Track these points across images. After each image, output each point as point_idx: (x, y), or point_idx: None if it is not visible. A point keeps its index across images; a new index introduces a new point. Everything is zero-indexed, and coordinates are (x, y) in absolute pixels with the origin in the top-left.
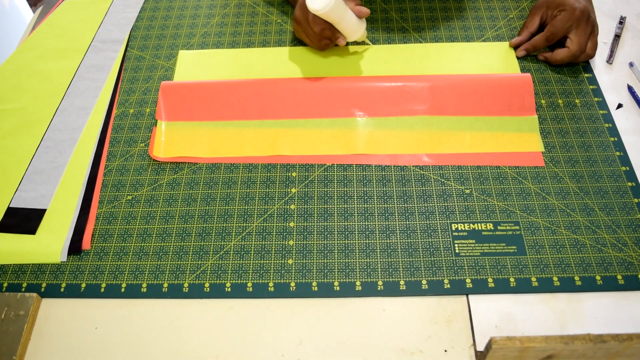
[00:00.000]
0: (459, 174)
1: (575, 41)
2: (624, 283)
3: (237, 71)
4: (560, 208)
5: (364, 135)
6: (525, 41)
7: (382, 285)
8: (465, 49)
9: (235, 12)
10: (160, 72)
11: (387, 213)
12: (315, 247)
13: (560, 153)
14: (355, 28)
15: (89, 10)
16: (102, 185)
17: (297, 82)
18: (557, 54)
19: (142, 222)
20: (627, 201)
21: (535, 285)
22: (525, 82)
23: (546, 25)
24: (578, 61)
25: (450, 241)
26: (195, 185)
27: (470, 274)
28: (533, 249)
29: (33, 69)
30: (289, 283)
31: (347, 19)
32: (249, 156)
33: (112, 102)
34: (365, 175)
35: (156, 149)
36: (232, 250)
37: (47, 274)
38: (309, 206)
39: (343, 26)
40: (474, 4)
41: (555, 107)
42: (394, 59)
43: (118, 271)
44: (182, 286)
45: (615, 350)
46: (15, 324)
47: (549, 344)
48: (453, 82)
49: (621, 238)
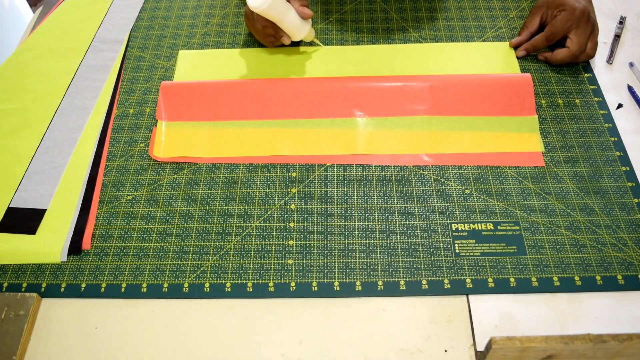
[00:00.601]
0: (459, 174)
1: (575, 41)
2: (624, 283)
3: (237, 71)
4: (560, 208)
5: (364, 135)
6: (526, 41)
7: (382, 285)
8: (465, 49)
9: (235, 12)
10: (160, 72)
11: (387, 213)
12: (315, 247)
13: (561, 153)
14: (298, 28)
15: (89, 10)
16: (102, 185)
17: (297, 82)
18: (557, 54)
19: (142, 222)
20: (627, 201)
21: (536, 285)
22: (525, 82)
23: (546, 25)
24: (578, 61)
25: (450, 241)
26: (195, 185)
27: (470, 274)
28: (533, 249)
29: (33, 69)
30: (289, 283)
31: (289, 19)
32: (249, 156)
33: (112, 102)
34: (365, 175)
35: (156, 149)
36: (232, 250)
37: (47, 274)
38: (309, 206)
39: (285, 25)
40: (474, 4)
41: (556, 107)
42: (394, 59)
43: (118, 271)
44: (182, 286)
45: (615, 350)
46: (15, 324)
47: (549, 344)
48: (453, 82)
49: (621, 238)
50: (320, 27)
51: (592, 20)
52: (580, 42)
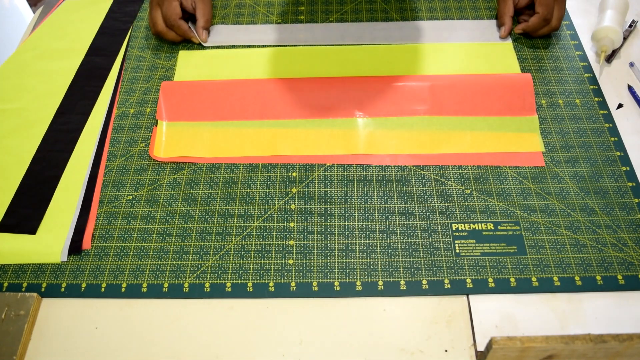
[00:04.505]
0: (459, 174)
1: (543, 2)
2: (624, 283)
3: (237, 71)
4: (560, 208)
5: (364, 136)
6: (512, 26)
7: (383, 285)
8: (466, 49)
9: (236, 12)
10: (160, 72)
11: (388, 213)
12: (315, 247)
13: (561, 153)
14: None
15: (89, 11)
16: (103, 185)
17: (297, 82)
18: (531, 22)
19: (142, 222)
20: (628, 201)
21: (536, 285)
22: (526, 82)
23: (518, 7)
24: (552, 27)
25: (450, 241)
26: (195, 185)
27: (470, 274)
28: (533, 249)
29: (33, 69)
30: (289, 283)
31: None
32: (249, 156)
33: (113, 102)
34: (366, 175)
35: (156, 149)
36: (232, 250)
37: (47, 274)
38: (310, 206)
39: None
40: (474, 4)
41: (556, 107)
42: (394, 59)
43: (118, 271)
44: (183, 286)
45: (615, 350)
46: (15, 324)
47: (550, 344)
48: (453, 82)
49: (621, 238)
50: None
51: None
52: (547, 2)
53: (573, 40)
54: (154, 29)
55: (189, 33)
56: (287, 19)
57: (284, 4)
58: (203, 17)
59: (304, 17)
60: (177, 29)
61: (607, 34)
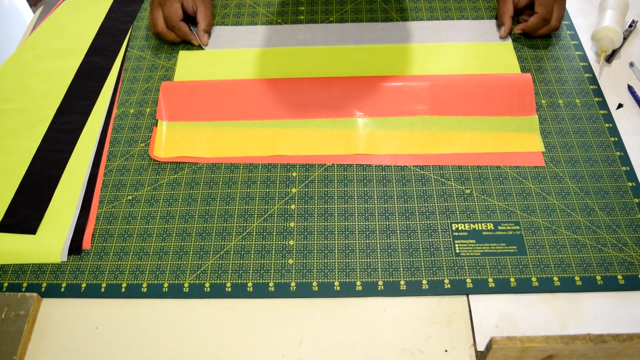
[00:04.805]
0: (459, 174)
1: (543, 2)
2: (624, 283)
3: (237, 71)
4: (560, 208)
5: (364, 136)
6: (512, 26)
7: (383, 285)
8: (466, 49)
9: (236, 12)
10: (160, 72)
11: (388, 213)
12: (315, 247)
13: (561, 153)
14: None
15: (89, 11)
16: (103, 185)
17: (297, 82)
18: (531, 22)
19: (142, 222)
20: (628, 201)
21: (536, 285)
22: (526, 82)
23: (517, 7)
24: (551, 27)
25: (450, 241)
26: (195, 185)
27: (470, 274)
28: (533, 249)
29: (33, 69)
30: (289, 283)
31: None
32: (249, 156)
33: (113, 102)
34: (366, 175)
35: (156, 149)
36: (232, 250)
37: (47, 273)
38: (309, 206)
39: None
40: (474, 4)
41: (556, 107)
42: (394, 59)
43: (118, 271)
44: (183, 286)
45: (615, 350)
46: (15, 324)
47: (550, 344)
48: (453, 82)
49: (621, 238)
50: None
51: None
52: (547, 2)
53: (573, 40)
54: (154, 29)
55: (189, 35)
56: (287, 19)
57: (283, 4)
58: (205, 21)
59: (304, 17)
60: (178, 31)
61: (607, 34)
